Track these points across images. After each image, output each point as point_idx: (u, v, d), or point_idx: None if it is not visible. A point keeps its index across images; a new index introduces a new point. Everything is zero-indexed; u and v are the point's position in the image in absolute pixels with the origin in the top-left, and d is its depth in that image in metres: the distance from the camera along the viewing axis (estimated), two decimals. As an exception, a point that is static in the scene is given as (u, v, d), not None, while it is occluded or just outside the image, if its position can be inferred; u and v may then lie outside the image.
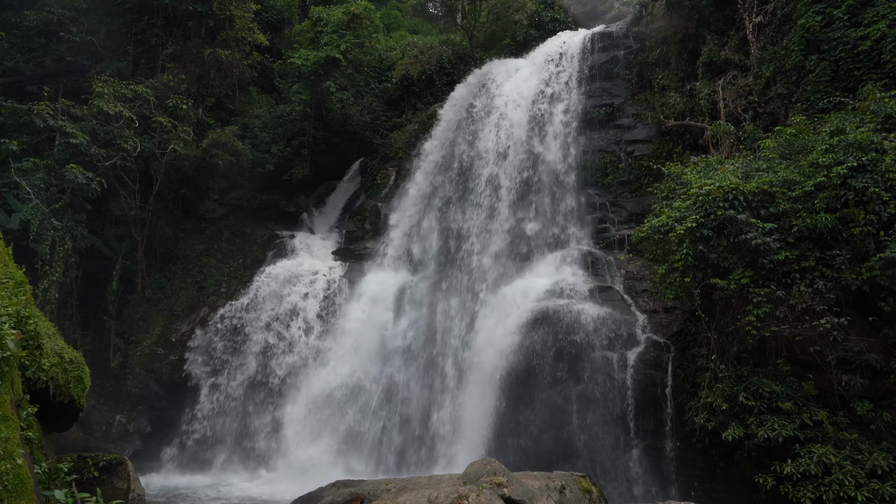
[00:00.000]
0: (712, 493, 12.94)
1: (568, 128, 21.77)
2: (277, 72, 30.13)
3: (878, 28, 14.35)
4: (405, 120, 27.75)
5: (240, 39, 26.63)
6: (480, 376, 16.92)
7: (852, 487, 9.78)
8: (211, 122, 26.26)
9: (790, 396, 11.20)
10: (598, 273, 18.04)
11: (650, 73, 22.22)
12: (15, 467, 4.81)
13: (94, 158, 21.86)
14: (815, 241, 11.65)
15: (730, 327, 12.37)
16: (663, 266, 13.66)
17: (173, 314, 23.37)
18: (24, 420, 6.36)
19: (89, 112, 22.35)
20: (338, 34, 26.20)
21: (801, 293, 11.19)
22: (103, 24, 26.96)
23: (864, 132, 11.60)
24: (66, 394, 7.82)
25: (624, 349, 15.35)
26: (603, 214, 20.26)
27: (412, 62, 28.57)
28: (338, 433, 18.69)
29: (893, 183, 10.78)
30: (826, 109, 14.66)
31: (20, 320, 6.97)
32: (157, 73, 26.16)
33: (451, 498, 9.00)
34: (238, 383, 20.77)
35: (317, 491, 12.68)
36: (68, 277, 21.69)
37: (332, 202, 28.01)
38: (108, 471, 9.17)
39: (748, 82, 17.93)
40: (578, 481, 11.18)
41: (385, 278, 21.35)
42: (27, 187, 20.31)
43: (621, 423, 14.62)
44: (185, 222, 25.99)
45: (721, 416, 11.77)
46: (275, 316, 21.43)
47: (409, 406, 18.42)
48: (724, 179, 12.51)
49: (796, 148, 13.38)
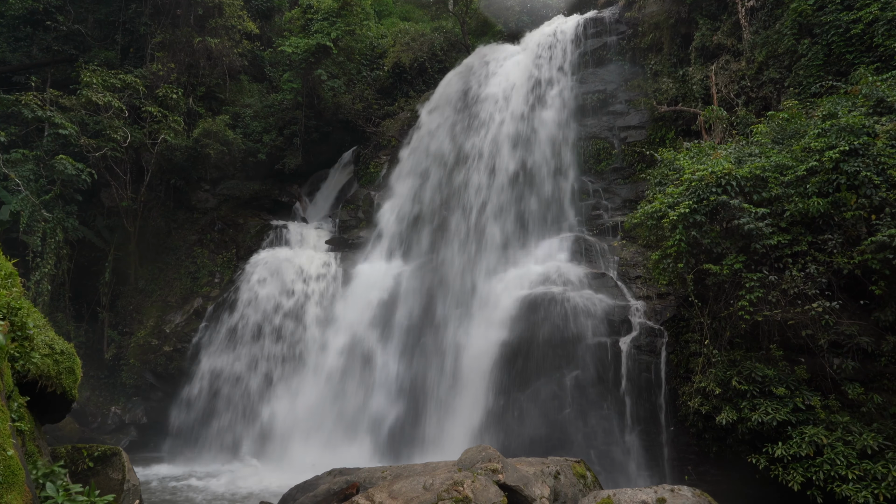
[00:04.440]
0: (706, 477, 13.06)
1: (560, 114, 21.69)
2: (268, 60, 29.88)
3: (871, 11, 14.32)
4: (397, 108, 27.64)
5: (229, 27, 26.35)
6: (475, 363, 16.97)
7: (843, 467, 9.87)
8: (202, 112, 26.04)
9: (783, 380, 11.27)
10: (591, 260, 18.06)
11: (643, 58, 22.14)
12: (5, 459, 4.78)
13: (83, 149, 21.66)
14: (807, 226, 11.67)
15: (723, 312, 12.42)
16: (656, 252, 13.67)
17: (167, 305, 23.30)
18: (14, 411, 6.32)
19: (78, 102, 22.13)
20: (328, 21, 25.97)
21: (793, 277, 11.22)
22: (90, 13, 26.64)
23: (856, 116, 11.60)
24: (58, 385, 7.78)
25: (618, 335, 15.41)
26: (596, 201, 20.26)
27: (404, 49, 28.38)
28: (333, 421, 18.73)
29: (885, 167, 10.78)
30: (818, 94, 14.65)
31: (9, 311, 6.91)
32: (146, 62, 25.90)
33: (446, 484, 9.04)
34: (233, 373, 20.75)
35: (313, 479, 12.72)
36: (60, 269, 21.57)
37: (325, 191, 27.92)
38: (102, 461, 9.14)
39: (741, 67, 17.90)
40: (573, 466, 11.24)
41: (379, 267, 21.33)
42: (16, 178, 20.13)
43: (615, 408, 14.71)
44: (177, 213, 25.85)
45: (714, 400, 11.84)
46: (267, 306, 21.38)
47: (403, 393, 18.45)
48: (717, 165, 12.50)
49: (789, 133, 13.38)
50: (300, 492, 12.29)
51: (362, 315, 20.12)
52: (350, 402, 18.96)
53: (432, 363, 18.55)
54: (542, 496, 9.72)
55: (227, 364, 20.95)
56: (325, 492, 11.28)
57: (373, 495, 9.29)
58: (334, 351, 19.91)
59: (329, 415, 18.93)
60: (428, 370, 18.51)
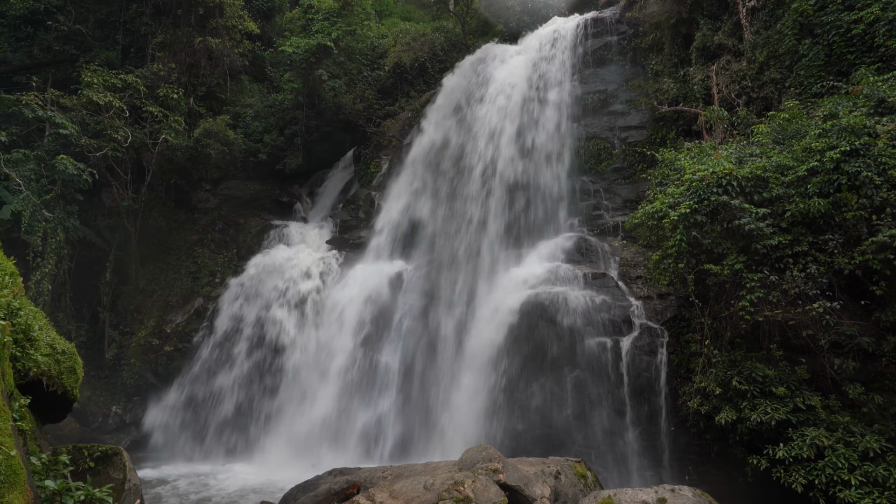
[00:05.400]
0: (706, 477, 13.06)
1: (561, 114, 21.70)
2: (269, 60, 29.90)
3: (872, 11, 14.31)
4: (398, 108, 27.64)
5: (230, 27, 26.37)
6: (476, 363, 16.97)
7: (845, 471, 9.85)
8: (202, 112, 26.06)
9: (783, 380, 11.27)
10: (592, 260, 18.06)
11: (643, 58, 22.13)
12: (7, 458, 4.80)
13: (84, 149, 21.67)
14: (807, 226, 11.67)
15: (723, 312, 12.42)
16: (657, 252, 13.67)
17: (168, 305, 23.31)
18: (16, 411, 6.33)
19: (79, 102, 22.13)
20: (329, 21, 25.99)
21: (793, 278, 11.22)
22: (91, 13, 26.66)
23: (857, 116, 11.59)
24: (59, 384, 7.79)
25: (618, 335, 15.41)
26: (597, 201, 20.26)
27: (404, 50, 28.39)
28: (333, 420, 18.74)
29: (886, 167, 10.78)
30: (819, 94, 14.64)
31: (11, 312, 6.92)
32: (147, 62, 25.92)
33: (447, 484, 9.05)
34: (233, 373, 20.77)
35: (314, 479, 12.74)
36: (61, 269, 21.58)
37: (326, 191, 27.92)
38: (103, 461, 9.13)
39: (742, 67, 17.89)
40: (574, 466, 11.25)
41: (380, 266, 21.33)
42: (17, 178, 20.14)
43: (616, 408, 14.71)
44: (177, 213, 25.85)
45: (714, 400, 11.85)
46: (268, 305, 21.40)
47: (404, 393, 18.46)
48: (718, 165, 12.50)
49: (789, 133, 13.38)
50: (301, 491, 12.31)
51: (363, 315, 20.12)
52: (350, 402, 18.96)
53: (433, 363, 18.55)
54: (543, 496, 9.72)
55: (226, 363, 20.96)
56: (326, 491, 11.29)
57: (373, 495, 9.29)
58: (334, 351, 19.90)
59: (330, 414, 18.92)
60: (428, 369, 18.51)
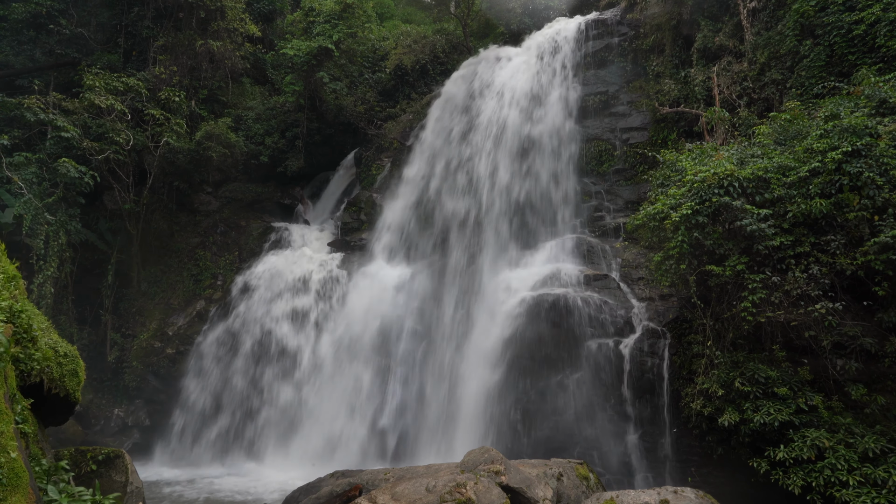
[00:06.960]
0: (709, 479, 13.03)
1: (562, 116, 21.70)
2: (270, 63, 29.94)
3: (873, 12, 14.31)
4: (399, 110, 27.68)
5: (231, 30, 26.43)
6: (478, 365, 16.97)
7: (844, 472, 9.83)
8: (204, 115, 26.10)
9: (785, 381, 11.25)
10: (593, 261, 18.05)
11: (644, 60, 22.14)
12: (9, 461, 4.79)
13: (86, 152, 21.71)
14: (809, 227, 11.65)
15: (725, 314, 12.40)
16: (659, 253, 13.66)
17: (170, 307, 23.33)
18: (18, 414, 6.33)
19: (81, 105, 22.17)
20: (330, 24, 26.03)
21: (796, 279, 11.20)
22: (93, 17, 26.72)
23: (859, 117, 11.58)
24: (61, 387, 7.79)
25: (620, 336, 15.39)
26: (598, 202, 20.26)
27: (406, 52, 28.43)
28: (334, 423, 18.73)
29: (888, 167, 10.76)
30: (821, 95, 14.64)
31: (13, 314, 6.92)
32: (149, 65, 25.96)
33: (449, 486, 9.04)
34: (234, 377, 20.77)
35: (316, 481, 12.73)
36: (63, 272, 21.60)
37: (328, 193, 27.94)
38: (106, 464, 9.15)
39: (743, 68, 17.89)
40: (576, 468, 11.24)
41: (381, 269, 21.33)
42: (19, 182, 20.16)
43: (618, 409, 14.69)
44: (179, 215, 25.90)
45: (717, 401, 11.83)
46: (270, 309, 21.40)
47: (407, 396, 18.46)
48: (719, 166, 12.49)
49: (791, 133, 13.36)
50: (303, 494, 12.30)
51: (364, 317, 20.12)
52: (351, 403, 18.96)
53: (434, 364, 18.55)
54: (545, 498, 9.71)
55: (228, 366, 20.97)
56: (328, 494, 11.29)
57: (375, 497, 9.29)
58: (335, 353, 19.91)
59: (331, 417, 18.92)
60: (430, 371, 18.51)
